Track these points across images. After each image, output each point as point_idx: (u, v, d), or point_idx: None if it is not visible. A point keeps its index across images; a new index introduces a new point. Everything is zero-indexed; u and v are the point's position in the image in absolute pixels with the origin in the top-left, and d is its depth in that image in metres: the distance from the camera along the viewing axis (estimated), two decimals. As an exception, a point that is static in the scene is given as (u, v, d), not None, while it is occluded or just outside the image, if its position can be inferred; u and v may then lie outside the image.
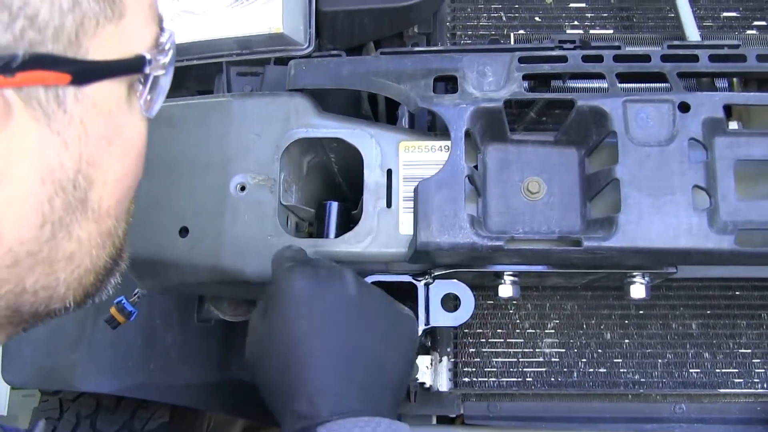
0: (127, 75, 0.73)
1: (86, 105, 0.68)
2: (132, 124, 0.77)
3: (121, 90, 0.73)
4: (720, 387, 1.48)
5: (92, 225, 0.74)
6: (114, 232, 0.79)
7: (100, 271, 0.80)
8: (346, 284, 1.08)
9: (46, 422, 2.00)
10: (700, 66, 1.20)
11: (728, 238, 1.10)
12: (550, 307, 1.53)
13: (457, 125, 1.17)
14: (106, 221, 0.76)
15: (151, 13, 0.77)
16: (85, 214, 0.72)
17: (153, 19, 0.77)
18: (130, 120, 0.77)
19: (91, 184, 0.72)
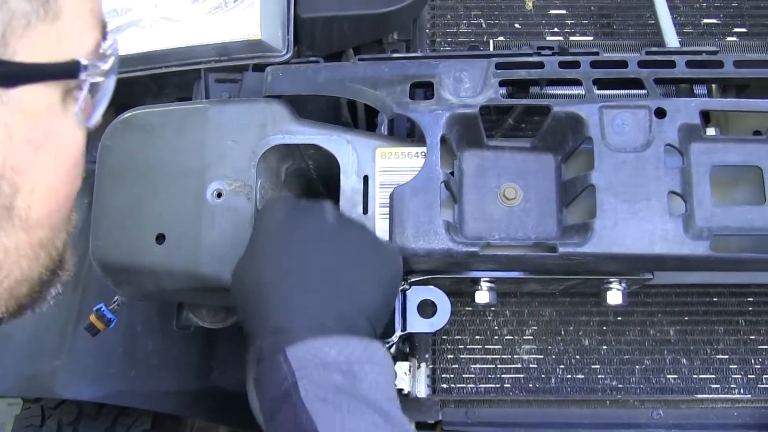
0: (60, 80, 0.71)
1: (11, 108, 0.66)
2: (65, 132, 0.74)
3: (54, 95, 0.71)
4: (697, 393, 1.48)
5: (21, 234, 0.72)
6: (49, 242, 0.77)
7: (35, 283, 0.78)
8: (326, 213, 1.11)
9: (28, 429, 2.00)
10: (677, 72, 1.21)
11: (703, 243, 1.11)
12: (529, 313, 1.53)
13: (433, 131, 1.17)
14: (38, 231, 0.74)
15: (92, 17, 0.74)
16: (11, 221, 0.70)
17: (94, 25, 0.75)
18: (64, 127, 0.74)
19: (17, 191, 0.69)
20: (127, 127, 1.27)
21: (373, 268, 1.09)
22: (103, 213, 1.25)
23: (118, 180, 1.25)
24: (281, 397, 0.92)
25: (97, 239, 1.25)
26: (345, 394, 0.91)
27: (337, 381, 0.92)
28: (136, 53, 1.44)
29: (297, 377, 0.91)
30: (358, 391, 0.92)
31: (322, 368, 0.92)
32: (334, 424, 0.88)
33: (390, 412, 0.92)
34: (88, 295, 1.80)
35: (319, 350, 0.93)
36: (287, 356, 0.93)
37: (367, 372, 0.94)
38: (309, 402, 0.90)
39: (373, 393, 0.93)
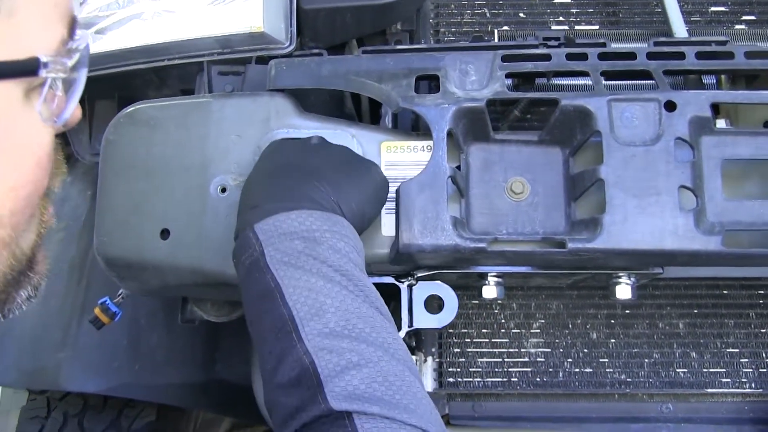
0: (17, 78, 0.69)
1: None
2: (27, 130, 0.73)
3: (13, 93, 0.69)
4: (707, 387, 1.46)
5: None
6: (11, 241, 0.75)
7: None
8: (310, 138, 1.18)
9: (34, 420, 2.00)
10: (686, 63, 1.19)
11: (715, 239, 1.09)
12: (536, 306, 1.51)
13: (439, 126, 1.16)
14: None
15: (56, 13, 0.73)
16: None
17: (59, 20, 0.73)
18: (26, 126, 0.72)
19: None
20: (131, 121, 1.26)
21: (351, 169, 1.14)
22: (107, 208, 1.24)
23: (122, 175, 1.24)
24: (251, 267, 0.98)
25: (101, 234, 1.24)
26: (306, 256, 0.96)
27: (298, 246, 0.97)
28: (138, 46, 1.42)
29: (263, 246, 0.98)
30: (318, 253, 0.97)
31: (285, 237, 0.98)
32: (296, 281, 0.94)
33: (349, 271, 0.97)
34: (92, 287, 1.80)
35: (282, 223, 0.99)
36: (255, 230, 1.00)
37: (327, 238, 0.99)
38: (273, 265, 0.96)
39: (333, 255, 0.98)
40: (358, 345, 0.89)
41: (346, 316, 0.92)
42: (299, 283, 0.94)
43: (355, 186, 1.10)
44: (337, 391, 0.85)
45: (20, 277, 0.80)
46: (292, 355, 0.89)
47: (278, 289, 0.94)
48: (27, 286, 0.82)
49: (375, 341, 0.90)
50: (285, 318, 0.91)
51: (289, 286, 0.94)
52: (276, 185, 1.08)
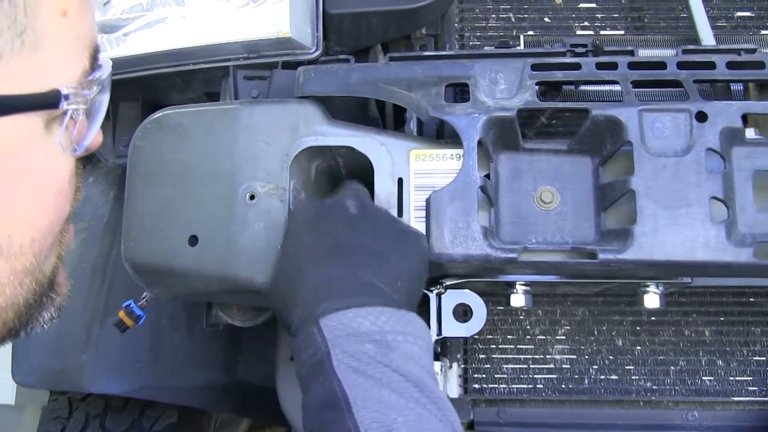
0: (38, 111, 0.69)
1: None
2: (48, 162, 0.73)
3: (35, 125, 0.69)
4: (734, 395, 1.46)
5: (2, 263, 0.71)
6: (33, 269, 0.75)
7: (20, 308, 0.77)
8: (348, 206, 1.13)
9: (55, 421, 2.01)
10: (717, 73, 1.19)
11: (746, 251, 1.09)
12: (561, 313, 1.51)
13: (470, 135, 1.16)
14: (20, 259, 0.73)
15: (79, 44, 0.73)
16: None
17: (81, 52, 0.73)
18: (46, 157, 0.72)
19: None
20: (158, 127, 1.26)
21: (400, 243, 1.10)
22: (134, 214, 1.24)
23: (150, 181, 1.24)
24: (314, 368, 0.93)
25: (128, 240, 1.24)
26: (377, 363, 0.91)
27: (370, 350, 0.92)
28: (163, 50, 1.43)
29: (330, 347, 0.92)
30: (391, 360, 0.92)
31: (355, 338, 0.93)
32: (365, 392, 0.88)
33: (423, 381, 0.92)
34: (114, 288, 1.81)
35: (351, 320, 0.94)
36: (320, 327, 0.95)
37: (400, 342, 0.94)
38: (341, 371, 0.90)
39: (406, 362, 0.93)
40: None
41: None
42: (369, 395, 0.88)
43: (410, 264, 1.08)
44: None
45: (42, 300, 0.80)
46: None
47: (345, 400, 0.87)
48: (50, 307, 0.82)
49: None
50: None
51: (358, 397, 0.87)
52: (334, 276, 1.02)
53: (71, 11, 0.70)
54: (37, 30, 0.66)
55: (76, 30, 0.72)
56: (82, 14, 0.73)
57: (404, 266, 1.07)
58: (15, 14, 0.63)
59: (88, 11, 0.75)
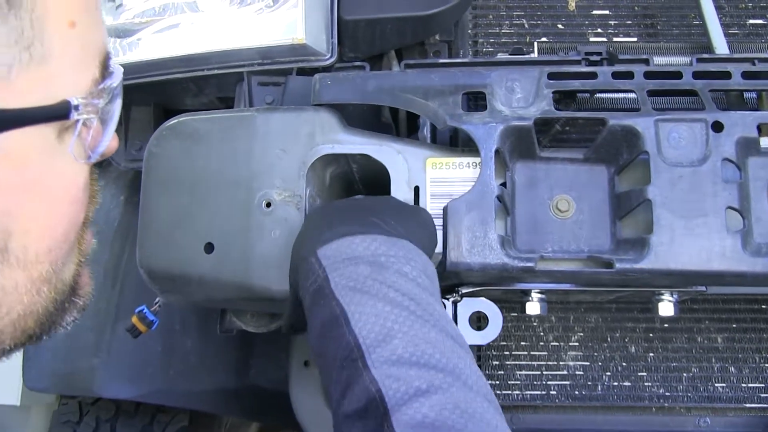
0: (49, 122, 0.68)
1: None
2: (60, 171, 0.72)
3: (46, 136, 0.69)
4: (746, 402, 1.47)
5: (19, 273, 0.70)
6: (51, 276, 0.75)
7: (40, 315, 0.76)
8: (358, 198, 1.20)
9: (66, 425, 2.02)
10: (732, 83, 1.19)
11: (762, 260, 1.10)
12: (574, 319, 1.52)
13: (487, 144, 1.16)
14: (37, 267, 0.72)
15: (88, 54, 0.72)
16: (6, 263, 0.68)
17: (92, 60, 0.73)
18: (59, 167, 0.72)
19: (10, 234, 0.67)
20: (174, 134, 1.26)
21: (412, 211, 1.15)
22: (150, 221, 1.24)
23: (166, 188, 1.25)
24: (316, 294, 0.98)
25: (144, 247, 1.24)
26: (372, 280, 0.95)
27: (364, 271, 0.96)
28: (177, 56, 1.43)
29: (327, 272, 0.97)
30: (385, 278, 0.96)
31: (350, 261, 0.97)
32: (362, 307, 0.93)
33: (417, 294, 0.95)
34: (126, 292, 1.81)
35: (347, 247, 0.99)
36: (318, 256, 0.99)
37: (393, 262, 0.98)
38: (338, 291, 0.95)
39: (400, 279, 0.96)
40: (426, 372, 0.87)
41: (414, 342, 0.89)
42: (365, 309, 0.92)
43: (416, 222, 1.11)
44: (404, 420, 0.83)
45: (64, 305, 0.80)
46: (359, 384, 0.87)
47: (343, 315, 0.92)
48: (72, 311, 0.82)
49: (445, 367, 0.88)
50: (351, 345, 0.90)
51: (355, 312, 0.92)
52: (339, 215, 1.08)
53: (79, 21, 0.69)
54: (45, 42, 0.65)
55: (84, 40, 0.71)
56: (91, 23, 0.72)
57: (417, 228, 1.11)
58: (22, 27, 0.63)
59: (96, 20, 0.74)
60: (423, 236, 1.11)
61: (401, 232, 1.05)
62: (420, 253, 1.03)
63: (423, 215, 1.15)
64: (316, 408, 1.46)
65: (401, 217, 1.10)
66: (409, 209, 1.15)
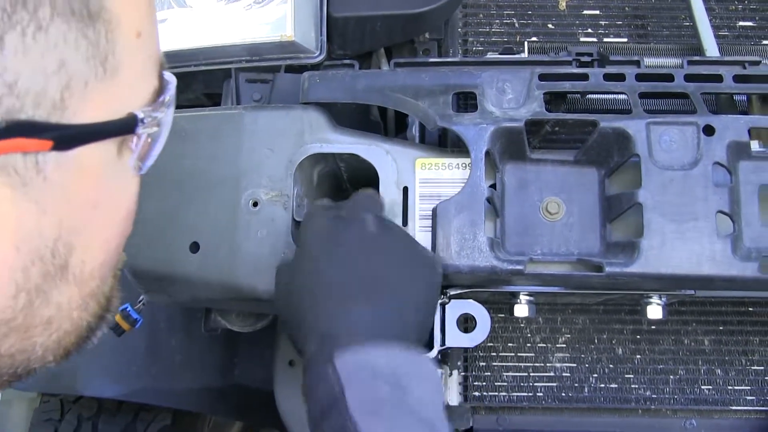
0: (117, 136, 0.67)
1: (69, 170, 0.62)
2: (121, 185, 0.72)
3: (111, 151, 0.67)
4: (732, 404, 1.47)
5: (73, 289, 0.69)
6: (98, 291, 0.74)
7: (82, 331, 0.75)
8: (366, 223, 1.10)
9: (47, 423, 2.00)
10: (724, 86, 1.19)
11: (752, 265, 1.09)
12: (562, 321, 1.51)
13: (477, 146, 1.15)
14: (90, 283, 0.71)
15: (150, 64, 0.71)
16: (65, 279, 0.67)
17: (152, 71, 0.71)
18: (120, 181, 0.71)
19: (72, 250, 0.66)
20: (160, 132, 1.25)
21: (416, 274, 1.09)
22: (135, 219, 1.22)
23: (151, 186, 1.22)
24: (329, 406, 0.92)
25: (129, 246, 1.21)
26: (392, 406, 0.91)
27: (385, 393, 0.92)
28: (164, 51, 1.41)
29: (344, 386, 0.92)
30: (406, 404, 0.92)
31: (370, 379, 0.93)
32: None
33: (435, 426, 0.92)
34: (110, 290, 1.79)
35: (366, 360, 0.94)
36: (335, 365, 0.94)
37: (414, 386, 0.94)
38: (356, 412, 0.90)
39: (420, 407, 0.93)
40: None
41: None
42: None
43: (426, 296, 1.08)
44: None
45: (99, 323, 0.78)
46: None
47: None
48: (103, 326, 0.80)
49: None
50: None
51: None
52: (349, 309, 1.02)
53: (144, 31, 0.68)
54: (117, 54, 0.64)
55: (147, 50, 0.70)
56: (153, 32, 0.71)
57: (420, 298, 1.07)
58: (98, 41, 0.61)
59: (156, 28, 0.73)
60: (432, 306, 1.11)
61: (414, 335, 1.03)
62: (434, 368, 1.01)
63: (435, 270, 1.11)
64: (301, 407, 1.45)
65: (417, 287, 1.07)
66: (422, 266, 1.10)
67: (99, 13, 0.61)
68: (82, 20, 0.59)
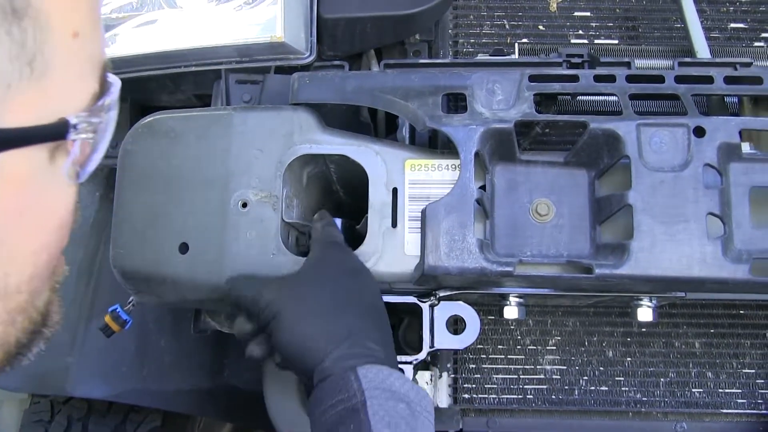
0: (44, 143, 0.63)
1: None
2: (52, 193, 0.67)
3: (41, 157, 0.63)
4: (723, 407, 1.46)
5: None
6: (28, 306, 0.70)
7: (11, 347, 0.71)
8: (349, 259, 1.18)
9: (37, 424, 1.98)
10: (715, 88, 1.19)
11: (743, 267, 1.09)
12: (552, 323, 1.50)
13: (467, 147, 1.15)
14: (16, 297, 0.67)
15: (89, 66, 0.67)
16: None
17: (91, 74, 0.67)
18: (51, 189, 0.67)
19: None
20: (150, 132, 1.24)
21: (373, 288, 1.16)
22: (124, 220, 1.22)
23: (140, 186, 1.23)
24: (347, 413, 0.95)
25: (118, 247, 1.22)
26: (406, 425, 0.95)
27: (403, 411, 0.96)
28: (154, 52, 1.41)
29: (366, 396, 0.95)
30: (416, 426, 0.96)
31: (390, 395, 0.97)
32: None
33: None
34: (100, 291, 1.79)
35: (386, 378, 0.98)
36: (358, 375, 0.97)
37: (419, 412, 0.99)
38: (375, 422, 0.93)
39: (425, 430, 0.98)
40: None
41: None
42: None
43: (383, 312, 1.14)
44: None
45: (33, 337, 0.74)
46: None
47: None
48: (39, 342, 0.76)
49: None
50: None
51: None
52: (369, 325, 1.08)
53: (82, 32, 0.64)
54: (46, 54, 0.60)
55: (86, 51, 0.66)
56: (93, 34, 0.67)
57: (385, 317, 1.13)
58: (24, 39, 0.58)
59: (99, 30, 0.69)
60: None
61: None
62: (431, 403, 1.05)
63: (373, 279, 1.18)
64: (291, 409, 1.44)
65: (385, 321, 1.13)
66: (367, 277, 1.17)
67: (25, 9, 0.58)
68: (5, 17, 0.56)
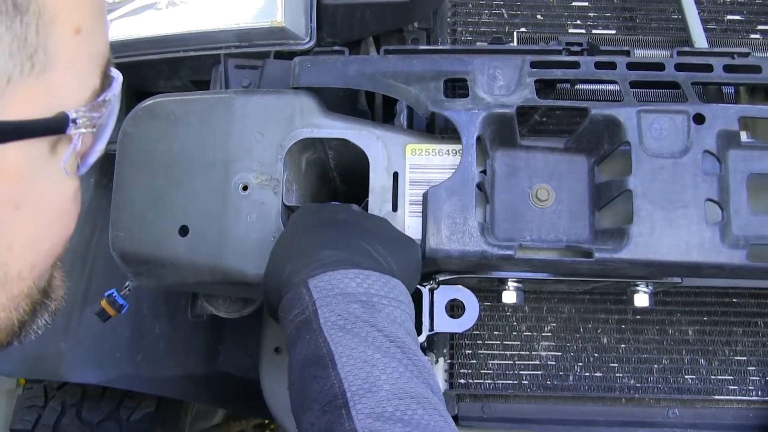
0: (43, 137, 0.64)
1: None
2: (51, 185, 0.68)
3: (39, 150, 0.64)
4: (715, 393, 1.47)
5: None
6: (31, 292, 0.71)
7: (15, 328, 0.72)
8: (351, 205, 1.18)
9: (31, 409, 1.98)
10: (714, 76, 1.20)
11: (740, 252, 1.10)
12: (548, 310, 1.52)
13: (469, 131, 1.16)
14: (18, 284, 0.69)
15: (91, 63, 0.68)
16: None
17: (93, 70, 0.68)
18: (49, 181, 0.67)
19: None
20: (150, 115, 1.24)
21: (400, 239, 1.13)
22: (124, 203, 1.22)
23: (140, 169, 1.23)
24: (301, 326, 0.96)
25: (117, 229, 1.22)
26: (363, 322, 0.94)
27: (356, 311, 0.95)
28: (152, 36, 1.41)
29: (317, 305, 0.95)
30: (376, 321, 0.94)
31: (342, 298, 0.96)
32: (350, 350, 0.91)
33: (405, 343, 0.94)
34: (95, 276, 1.79)
35: (339, 281, 0.97)
36: (308, 286, 0.97)
37: (385, 305, 0.97)
38: (327, 328, 0.93)
39: (391, 324, 0.95)
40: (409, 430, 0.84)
41: (399, 395, 0.87)
42: (354, 353, 0.90)
43: (405, 256, 1.09)
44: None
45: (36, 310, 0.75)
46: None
47: (330, 357, 0.90)
48: (44, 314, 0.77)
49: (427, 426, 0.85)
50: (335, 390, 0.88)
51: (343, 354, 0.90)
52: (329, 236, 1.06)
53: (85, 28, 0.65)
54: (49, 50, 0.61)
55: (88, 48, 0.67)
56: (96, 30, 0.68)
57: (403, 259, 1.09)
58: (26, 34, 0.58)
59: (102, 25, 0.70)
60: (410, 274, 1.10)
61: (393, 268, 1.04)
62: (408, 295, 1.03)
63: (413, 250, 1.13)
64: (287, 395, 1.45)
65: (395, 249, 1.08)
66: (403, 241, 1.13)
67: (27, 5, 0.58)
68: (7, 12, 0.57)
